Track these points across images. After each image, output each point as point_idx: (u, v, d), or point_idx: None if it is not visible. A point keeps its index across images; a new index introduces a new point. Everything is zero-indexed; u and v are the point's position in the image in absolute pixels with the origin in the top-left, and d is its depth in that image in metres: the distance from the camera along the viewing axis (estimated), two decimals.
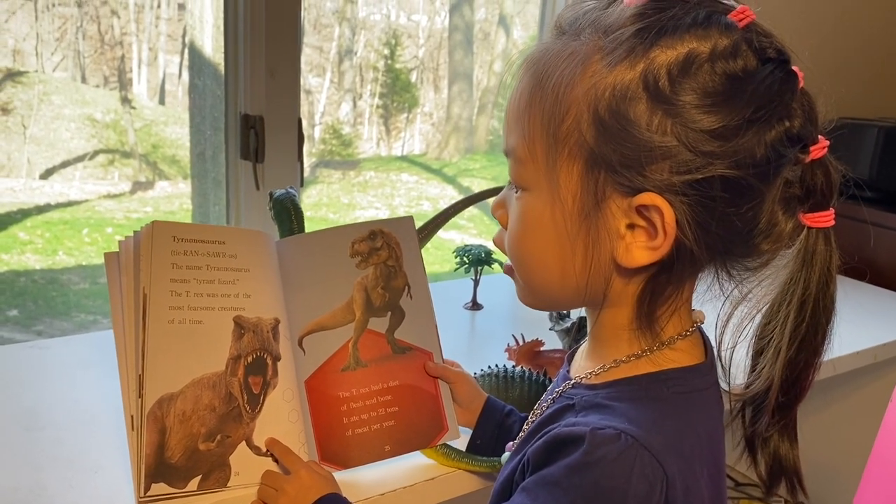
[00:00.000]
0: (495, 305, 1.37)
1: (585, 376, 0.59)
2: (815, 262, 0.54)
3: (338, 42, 3.34)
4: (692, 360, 0.57)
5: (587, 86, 0.50)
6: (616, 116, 0.49)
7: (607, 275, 0.54)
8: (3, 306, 2.26)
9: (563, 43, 0.53)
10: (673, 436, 0.52)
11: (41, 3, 2.80)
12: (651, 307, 0.55)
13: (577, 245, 0.53)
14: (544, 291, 0.59)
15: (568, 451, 0.50)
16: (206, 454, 0.70)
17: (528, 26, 3.28)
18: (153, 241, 0.69)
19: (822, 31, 1.92)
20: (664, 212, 0.49)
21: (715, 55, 0.48)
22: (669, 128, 0.48)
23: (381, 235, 0.80)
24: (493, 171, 3.66)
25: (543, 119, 0.52)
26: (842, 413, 1.64)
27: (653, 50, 0.49)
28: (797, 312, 0.55)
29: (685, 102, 0.48)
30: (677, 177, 0.49)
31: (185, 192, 2.77)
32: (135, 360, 0.68)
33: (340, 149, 3.49)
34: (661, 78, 0.48)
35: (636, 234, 0.51)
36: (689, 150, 0.48)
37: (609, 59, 0.49)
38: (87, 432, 0.86)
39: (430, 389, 0.80)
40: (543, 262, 0.56)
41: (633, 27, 0.49)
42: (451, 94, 3.60)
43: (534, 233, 0.55)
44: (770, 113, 0.49)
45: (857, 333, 1.33)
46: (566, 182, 0.52)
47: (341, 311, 0.79)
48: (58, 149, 2.82)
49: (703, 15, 0.50)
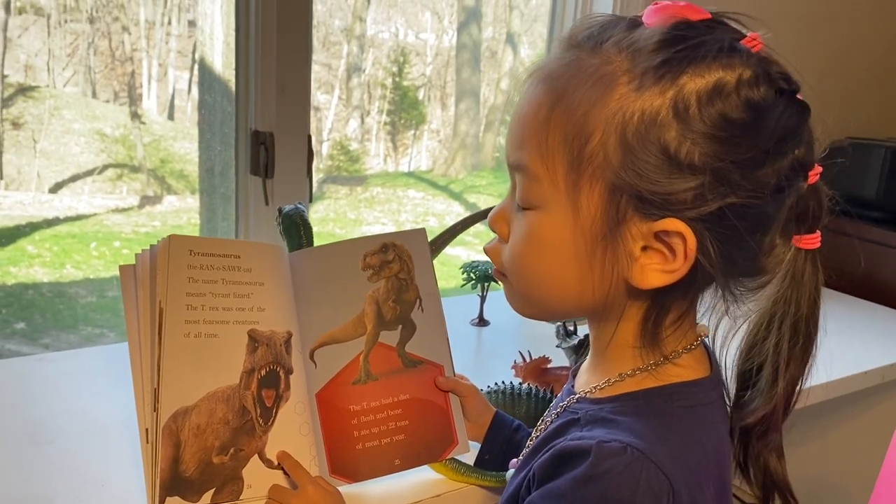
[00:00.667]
0: (502, 322, 1.37)
1: (590, 390, 0.59)
2: (805, 282, 0.55)
3: (346, 59, 3.36)
4: (697, 374, 0.57)
5: (614, 108, 0.50)
6: (644, 141, 0.49)
7: (619, 293, 0.54)
8: (11, 319, 2.27)
9: (580, 58, 0.52)
10: (678, 449, 0.52)
11: (53, 20, 2.83)
12: (656, 325, 0.55)
13: (593, 265, 0.53)
14: (543, 304, 0.59)
15: (574, 465, 0.50)
16: (220, 467, 0.70)
17: (535, 45, 3.30)
18: (170, 255, 0.69)
19: (830, 52, 1.93)
20: (687, 238, 0.50)
21: (740, 85, 0.49)
22: (697, 156, 0.48)
23: (394, 248, 0.80)
24: (500, 187, 3.67)
25: (566, 138, 0.51)
26: (851, 432, 1.63)
27: (682, 77, 0.49)
28: (792, 332, 0.56)
29: (712, 131, 0.48)
30: (701, 204, 0.49)
31: (193, 207, 2.78)
32: (150, 373, 0.68)
33: (348, 165, 3.50)
34: (690, 105, 0.48)
35: (650, 256, 0.52)
36: (714, 178, 0.49)
37: (638, 83, 0.49)
38: (96, 445, 0.86)
39: (441, 403, 0.80)
40: (550, 279, 0.55)
41: (662, 52, 0.49)
42: (458, 112, 3.62)
43: (543, 251, 0.55)
44: (787, 144, 0.50)
45: (865, 353, 1.32)
46: (587, 203, 0.51)
47: (352, 324, 0.79)
48: (67, 163, 2.84)
49: (728, 44, 0.50)
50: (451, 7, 3.50)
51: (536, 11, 3.25)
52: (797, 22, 1.89)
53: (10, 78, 2.72)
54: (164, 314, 0.68)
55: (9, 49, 2.70)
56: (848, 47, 2.02)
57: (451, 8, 3.50)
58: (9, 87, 2.72)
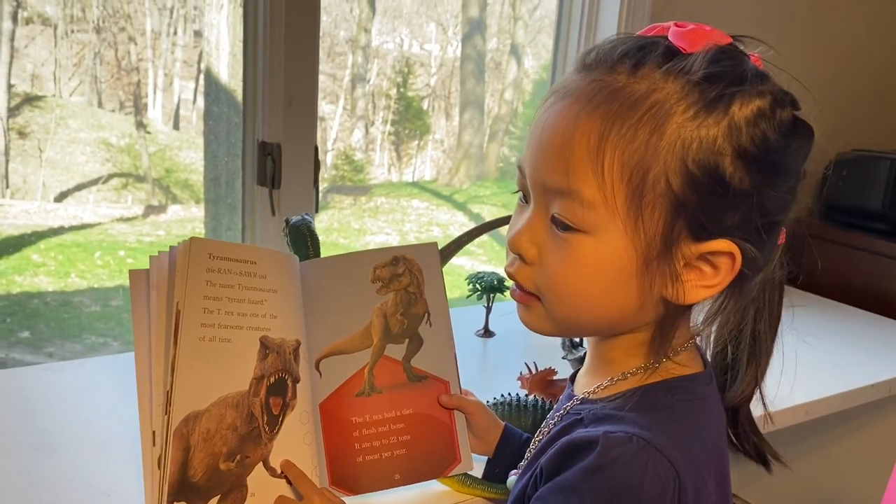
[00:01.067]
0: (507, 333, 1.37)
1: (592, 391, 0.60)
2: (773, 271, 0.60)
3: (351, 70, 3.38)
4: (693, 369, 0.60)
5: (673, 137, 0.51)
6: (704, 169, 0.51)
7: (656, 309, 0.57)
8: (16, 328, 2.27)
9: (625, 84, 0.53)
10: (682, 440, 0.54)
11: (60, 30, 2.85)
12: (670, 331, 0.57)
13: (640, 285, 0.54)
14: (574, 325, 0.60)
15: (582, 456, 0.52)
16: (226, 474, 0.70)
17: (539, 56, 3.31)
18: (190, 257, 0.69)
19: (835, 65, 1.93)
20: (736, 256, 0.53)
21: (773, 111, 0.52)
22: (749, 182, 0.52)
23: (404, 262, 0.80)
24: (503, 198, 3.67)
25: (626, 166, 0.52)
26: (858, 445, 1.62)
27: (732, 105, 0.51)
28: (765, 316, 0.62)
29: (760, 156, 0.52)
30: (744, 224, 0.53)
31: (198, 217, 2.79)
32: (164, 375, 0.67)
33: (352, 174, 3.51)
34: (742, 133, 0.51)
35: (689, 273, 0.54)
36: (760, 201, 0.52)
37: (693, 111, 0.51)
38: (100, 455, 0.86)
39: (445, 419, 0.80)
40: (592, 302, 0.56)
41: (713, 82, 0.51)
42: (462, 122, 3.63)
43: (590, 274, 0.55)
44: (804, 162, 0.55)
45: (872, 365, 1.32)
46: (648, 228, 0.53)
47: (359, 335, 0.79)
48: (73, 172, 2.85)
49: (753, 70, 0.53)
50: (456, 18, 3.52)
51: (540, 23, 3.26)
52: (802, 35, 1.90)
53: (17, 87, 2.74)
54: (181, 315, 0.68)
55: (16, 59, 2.72)
56: (853, 60, 2.02)
57: (455, 19, 3.52)
58: (15, 96, 2.73)
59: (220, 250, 0.71)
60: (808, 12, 1.92)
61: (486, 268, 1.71)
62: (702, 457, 0.55)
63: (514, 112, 3.54)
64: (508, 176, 3.68)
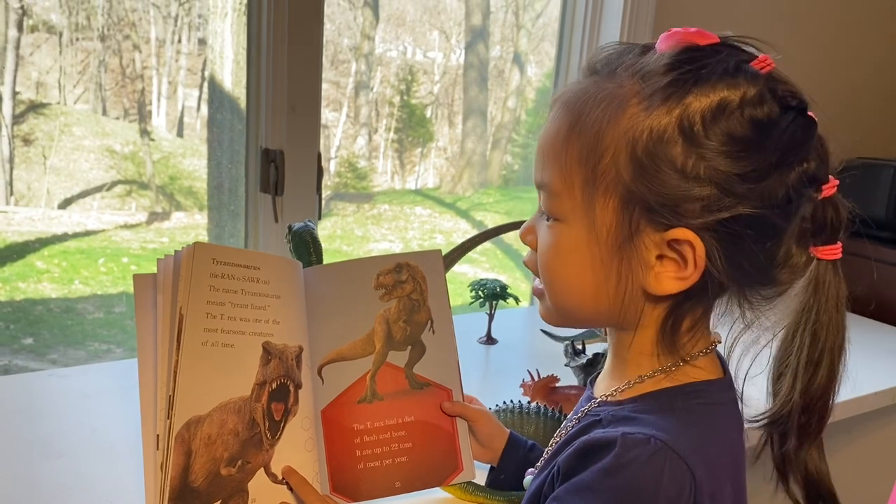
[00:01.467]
0: (510, 340, 1.37)
1: (610, 394, 0.61)
2: (826, 292, 0.58)
3: (354, 77, 3.39)
4: (712, 375, 0.60)
5: (625, 127, 0.53)
6: (652, 157, 0.52)
7: (637, 301, 0.57)
8: (19, 334, 2.28)
9: (597, 84, 0.56)
10: (699, 442, 0.54)
11: (65, 38, 2.86)
12: (674, 331, 0.58)
13: (611, 273, 0.56)
14: (572, 314, 0.62)
15: (599, 456, 0.52)
16: (227, 479, 0.70)
17: (542, 64, 3.32)
18: (194, 262, 0.69)
19: (837, 72, 1.94)
20: (696, 246, 0.53)
21: (744, 103, 0.52)
22: (702, 170, 0.52)
23: (408, 269, 0.80)
24: (507, 205, 3.68)
25: (582, 155, 0.55)
26: (862, 453, 1.62)
27: (688, 97, 0.52)
28: (811, 340, 0.58)
29: (717, 147, 0.52)
30: (708, 214, 0.52)
31: (201, 224, 2.80)
32: (166, 379, 0.68)
33: (355, 182, 3.52)
34: (695, 123, 0.52)
35: (665, 265, 0.55)
36: (720, 190, 0.52)
37: (646, 104, 0.53)
38: (104, 461, 0.86)
39: (447, 427, 0.79)
40: (576, 288, 0.59)
41: (670, 75, 0.53)
42: (465, 130, 3.64)
43: (567, 260, 0.58)
44: (792, 157, 0.53)
45: (876, 374, 1.31)
46: (602, 215, 0.55)
47: (362, 342, 0.79)
48: (77, 179, 2.86)
49: (733, 65, 0.54)
50: (459, 26, 3.53)
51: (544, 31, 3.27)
52: (807, 42, 1.90)
53: (22, 95, 2.75)
54: (184, 320, 0.68)
55: (21, 66, 2.73)
56: (859, 67, 2.02)
57: (458, 27, 3.53)
58: (20, 103, 2.74)
59: (224, 255, 0.71)
60: (813, 19, 1.92)
61: (488, 275, 1.71)
62: (718, 462, 0.55)
63: (517, 120, 3.55)
64: (511, 184, 3.69)
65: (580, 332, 1.24)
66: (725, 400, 0.60)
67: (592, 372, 1.09)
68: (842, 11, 1.97)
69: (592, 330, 1.23)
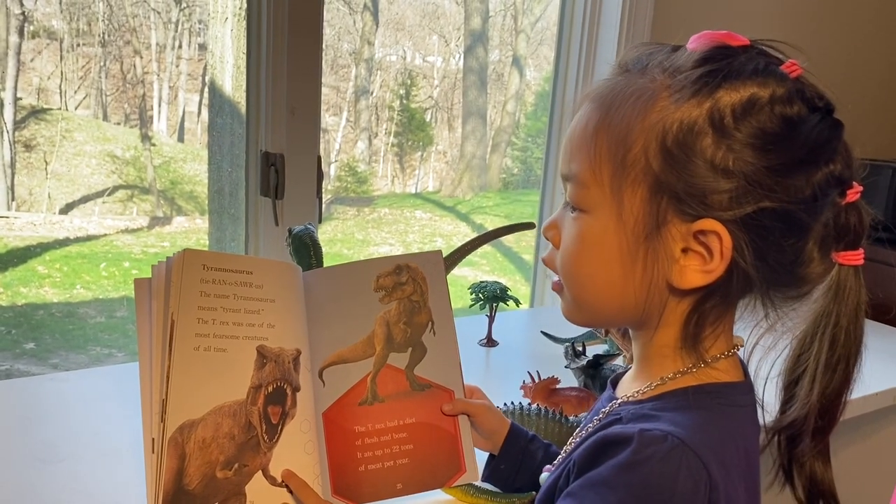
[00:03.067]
0: (510, 342, 1.37)
1: (632, 395, 0.61)
2: (846, 297, 0.58)
3: (354, 82, 3.40)
4: (733, 378, 0.60)
5: (655, 119, 0.54)
6: (683, 148, 0.53)
7: (661, 295, 0.57)
8: (21, 339, 2.28)
9: (628, 79, 0.57)
10: (716, 442, 0.54)
11: (66, 43, 2.87)
12: (697, 329, 0.58)
13: (636, 265, 0.56)
14: (594, 308, 0.61)
15: (616, 451, 0.52)
16: (224, 482, 0.70)
17: (541, 67, 3.33)
18: (184, 268, 0.70)
19: (839, 73, 1.94)
20: (722, 237, 0.53)
21: (773, 100, 0.53)
22: (731, 162, 0.52)
23: (408, 270, 0.80)
24: (506, 208, 3.68)
25: (611, 146, 0.56)
26: (863, 453, 1.62)
27: (718, 91, 0.53)
28: (830, 344, 0.58)
29: (746, 139, 0.52)
30: (736, 206, 0.53)
31: (202, 228, 2.80)
32: (159, 384, 0.68)
33: (355, 186, 3.53)
34: (725, 116, 0.53)
35: (689, 258, 0.55)
36: (748, 182, 0.52)
37: (677, 97, 0.54)
38: (106, 465, 0.87)
39: (449, 429, 0.79)
40: (599, 280, 0.59)
41: (701, 69, 0.54)
42: (464, 133, 3.64)
43: (592, 252, 0.58)
44: (819, 156, 0.54)
45: (876, 374, 1.31)
46: (630, 205, 0.55)
47: (362, 344, 0.79)
48: (78, 184, 2.87)
49: (763, 65, 0.55)
50: (458, 31, 3.54)
51: (542, 35, 3.28)
52: (807, 43, 1.90)
53: (23, 100, 2.76)
54: (175, 326, 0.68)
55: (22, 72, 2.74)
56: (858, 68, 2.03)
57: (457, 31, 3.54)
58: (22, 109, 2.75)
59: (215, 261, 0.72)
60: (812, 20, 1.93)
61: (488, 278, 1.72)
62: (734, 463, 0.55)
63: (516, 123, 3.55)
64: (511, 187, 3.70)
65: (580, 334, 1.24)
66: (744, 403, 0.60)
67: (593, 374, 1.09)
68: (836, 13, 1.98)
69: (593, 332, 1.23)
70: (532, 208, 2.91)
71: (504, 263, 3.39)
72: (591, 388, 1.07)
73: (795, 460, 0.62)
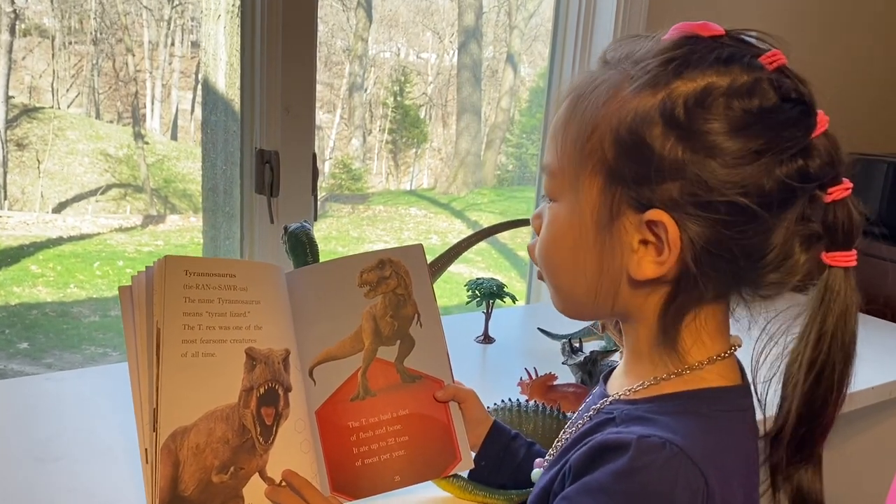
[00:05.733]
0: (507, 339, 1.37)
1: (624, 393, 0.60)
2: (834, 300, 0.56)
3: (348, 79, 3.39)
4: (729, 382, 0.59)
5: (614, 109, 0.54)
6: (634, 138, 0.53)
7: (621, 286, 0.57)
8: (15, 339, 2.27)
9: (602, 71, 0.58)
10: (714, 450, 0.53)
11: (58, 41, 2.85)
12: (671, 326, 0.57)
13: (597, 253, 0.56)
14: (569, 296, 0.62)
15: (613, 458, 0.52)
16: (220, 486, 0.69)
17: (535, 64, 3.32)
18: (166, 276, 0.69)
19: (830, 66, 1.94)
20: (668, 227, 0.52)
21: (731, 90, 0.52)
22: (680, 152, 0.52)
23: (390, 264, 0.80)
24: (501, 205, 3.68)
25: (575, 137, 0.56)
26: (859, 449, 1.62)
27: (675, 81, 0.53)
28: (813, 348, 0.56)
29: (697, 130, 0.51)
30: (685, 197, 0.52)
31: (196, 226, 2.79)
32: (149, 394, 0.68)
33: (350, 183, 3.52)
34: (677, 106, 0.52)
35: (648, 250, 0.54)
36: (698, 173, 0.51)
37: (635, 86, 0.54)
38: (102, 465, 0.86)
39: (442, 418, 0.79)
40: (567, 268, 0.60)
41: (661, 58, 0.54)
42: (458, 130, 3.64)
43: (559, 240, 0.59)
44: (782, 149, 0.51)
45: (872, 369, 1.32)
46: (587, 195, 0.56)
47: (350, 340, 0.79)
48: (71, 183, 2.85)
49: (727, 53, 0.53)
50: (452, 27, 3.53)
51: (536, 31, 3.28)
52: (802, 38, 1.91)
53: (15, 99, 2.75)
54: (161, 335, 0.68)
55: (13, 71, 2.73)
56: (853, 63, 2.03)
57: (451, 28, 3.54)
58: (13, 108, 2.74)
59: (197, 266, 0.71)
60: (807, 16, 1.93)
61: (484, 274, 1.72)
62: (732, 469, 0.55)
63: (510, 120, 3.55)
64: (506, 184, 3.69)
65: (577, 331, 1.24)
66: (742, 407, 0.58)
67: (590, 369, 1.09)
68: (835, 7, 1.98)
69: (589, 328, 1.24)
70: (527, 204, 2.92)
71: (499, 260, 3.39)
72: (588, 384, 1.07)
73: (779, 470, 0.60)
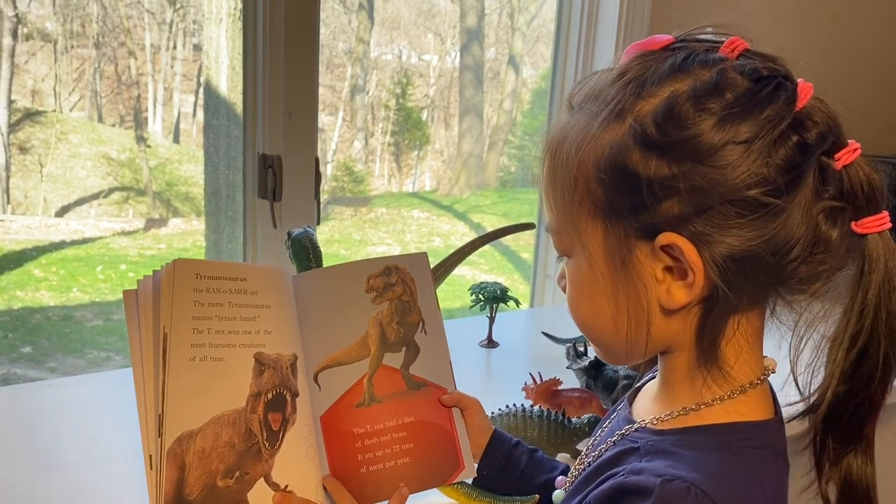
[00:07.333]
0: (511, 343, 1.37)
1: (651, 421, 0.58)
2: (874, 269, 0.52)
3: (350, 81, 3.39)
4: (762, 414, 0.56)
5: (589, 150, 0.53)
6: (616, 169, 0.51)
7: (653, 319, 0.54)
8: (17, 343, 2.27)
9: (570, 118, 0.56)
10: (742, 490, 0.51)
11: (60, 45, 2.85)
12: (711, 344, 0.54)
13: (621, 297, 0.55)
14: (609, 347, 0.60)
15: (635, 502, 0.50)
16: (225, 491, 0.69)
17: (537, 65, 3.32)
18: (175, 279, 0.69)
19: (836, 67, 1.94)
20: (683, 248, 0.50)
21: (696, 91, 0.50)
22: (666, 168, 0.50)
23: (396, 271, 0.80)
24: (503, 207, 3.68)
25: (562, 189, 0.55)
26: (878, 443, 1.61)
27: (637, 102, 0.51)
28: (856, 322, 0.53)
29: (675, 141, 0.49)
30: (688, 210, 0.49)
31: (199, 230, 2.79)
32: (154, 400, 0.67)
33: (352, 186, 3.52)
34: (647, 126, 0.50)
35: (673, 276, 0.52)
36: (691, 183, 0.49)
37: (601, 121, 0.52)
38: (104, 472, 0.86)
39: (446, 426, 0.79)
40: (596, 320, 0.58)
41: (617, 85, 0.53)
42: (461, 132, 3.64)
43: (582, 294, 0.58)
44: (767, 130, 0.49)
45: None
46: (593, 241, 0.55)
47: (356, 346, 0.78)
48: (73, 187, 2.85)
49: (681, 58, 0.52)
50: (454, 29, 3.53)
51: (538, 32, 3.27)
52: (803, 38, 1.90)
53: (18, 103, 2.75)
54: (168, 340, 0.68)
55: (16, 74, 2.73)
56: (855, 63, 2.02)
57: (453, 29, 3.53)
58: (16, 112, 2.74)
59: (208, 269, 0.71)
60: (808, 16, 1.92)
61: (488, 278, 1.71)
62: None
63: (513, 121, 3.55)
64: (508, 185, 3.69)
65: (581, 335, 1.23)
66: (774, 442, 0.56)
67: (595, 374, 1.08)
68: (838, 7, 1.98)
69: None
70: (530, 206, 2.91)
71: (503, 263, 3.38)
72: (593, 388, 1.07)
73: (826, 455, 0.57)
